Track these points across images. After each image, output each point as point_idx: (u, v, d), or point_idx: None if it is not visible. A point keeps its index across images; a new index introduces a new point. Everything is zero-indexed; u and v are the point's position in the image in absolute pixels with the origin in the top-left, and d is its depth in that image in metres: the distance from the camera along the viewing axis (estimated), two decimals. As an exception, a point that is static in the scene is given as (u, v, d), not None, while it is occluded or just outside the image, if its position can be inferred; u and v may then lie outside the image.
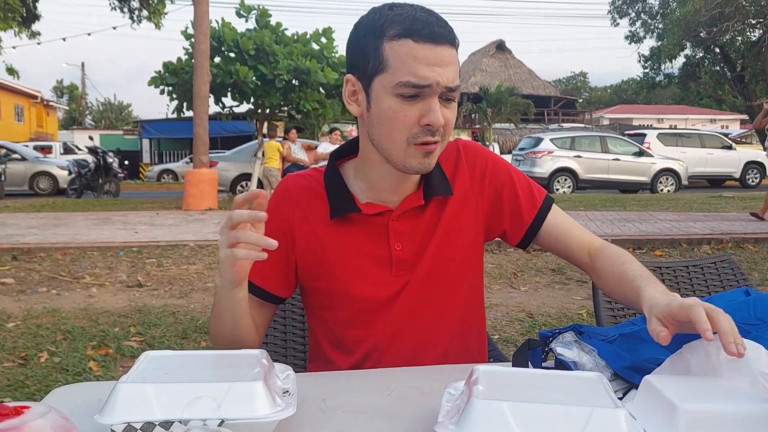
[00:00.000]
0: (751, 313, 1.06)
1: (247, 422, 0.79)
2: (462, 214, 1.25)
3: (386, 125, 1.10)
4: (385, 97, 1.09)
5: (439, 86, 1.06)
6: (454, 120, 1.13)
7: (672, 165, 16.55)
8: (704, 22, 22.40)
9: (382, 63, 1.08)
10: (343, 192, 1.21)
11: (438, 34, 1.06)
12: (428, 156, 1.12)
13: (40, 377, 3.21)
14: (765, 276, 5.53)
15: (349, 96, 1.17)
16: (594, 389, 0.84)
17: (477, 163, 1.28)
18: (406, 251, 1.20)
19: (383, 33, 1.07)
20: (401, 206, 1.20)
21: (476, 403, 0.76)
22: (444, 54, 1.06)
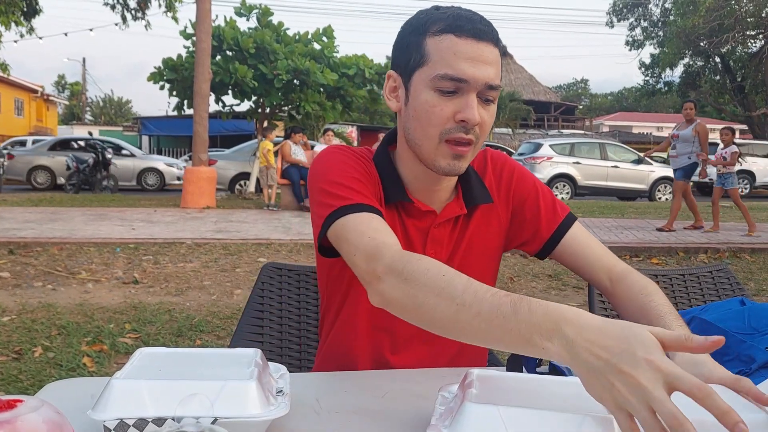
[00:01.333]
0: (746, 322, 1.06)
1: (239, 421, 0.79)
2: (488, 223, 1.24)
3: (421, 119, 1.09)
4: (424, 90, 1.08)
5: (477, 82, 1.05)
6: (491, 123, 1.11)
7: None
8: (704, 33, 22.46)
9: (423, 57, 1.07)
10: (396, 178, 1.18)
11: (481, 31, 1.05)
12: (459, 159, 1.09)
13: (34, 372, 3.21)
14: (761, 286, 5.54)
15: (389, 92, 1.16)
16: (587, 395, 0.84)
17: (504, 173, 1.27)
18: (437, 258, 1.19)
19: (427, 29, 1.07)
20: (444, 213, 1.19)
21: (469, 406, 0.76)
22: (485, 51, 1.05)
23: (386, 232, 1.01)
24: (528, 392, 0.86)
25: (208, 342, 3.79)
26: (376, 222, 1.03)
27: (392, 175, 1.18)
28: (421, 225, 1.19)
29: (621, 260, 1.23)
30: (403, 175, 1.19)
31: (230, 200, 12.99)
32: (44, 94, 36.81)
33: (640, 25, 28.60)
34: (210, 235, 7.57)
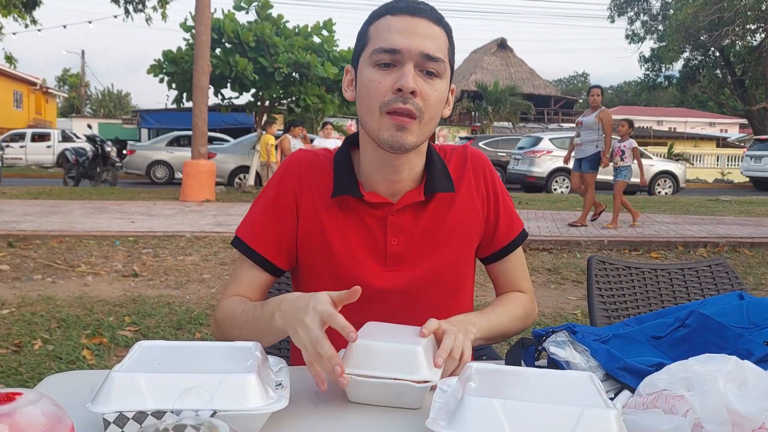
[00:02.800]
0: (745, 316, 1.06)
1: (239, 414, 0.79)
2: (467, 216, 1.26)
3: (364, 96, 1.13)
4: (365, 68, 1.12)
5: (411, 52, 1.08)
6: (435, 97, 1.11)
7: (670, 168, 16.57)
8: (704, 26, 22.40)
9: (365, 40, 1.14)
10: (349, 174, 1.22)
11: (415, 8, 1.10)
12: (401, 130, 1.10)
13: (34, 365, 3.21)
14: (760, 280, 5.55)
15: (347, 85, 1.21)
16: (585, 389, 0.85)
17: (484, 172, 1.30)
18: (401, 247, 1.21)
19: (371, 19, 1.14)
20: (401, 201, 1.21)
21: (469, 400, 0.76)
22: (420, 25, 1.09)
23: (240, 282, 1.24)
24: (526, 385, 0.86)
25: (207, 335, 3.79)
26: (242, 271, 1.25)
27: (346, 172, 1.22)
28: (379, 214, 1.21)
29: (530, 287, 1.38)
30: (364, 169, 1.22)
31: (229, 193, 12.98)
32: (43, 87, 36.72)
33: (639, 19, 28.53)
34: (209, 228, 7.57)
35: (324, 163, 1.25)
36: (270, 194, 1.25)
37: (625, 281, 1.76)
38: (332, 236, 1.21)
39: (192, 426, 0.58)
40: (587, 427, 0.72)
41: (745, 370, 0.82)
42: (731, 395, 0.78)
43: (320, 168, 1.24)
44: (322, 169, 1.24)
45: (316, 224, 1.21)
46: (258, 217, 1.24)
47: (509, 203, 1.33)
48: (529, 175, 16.00)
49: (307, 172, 1.24)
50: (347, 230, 1.21)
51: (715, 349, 0.90)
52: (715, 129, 40.74)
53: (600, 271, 1.74)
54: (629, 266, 1.79)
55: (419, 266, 1.21)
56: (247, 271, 1.24)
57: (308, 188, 1.23)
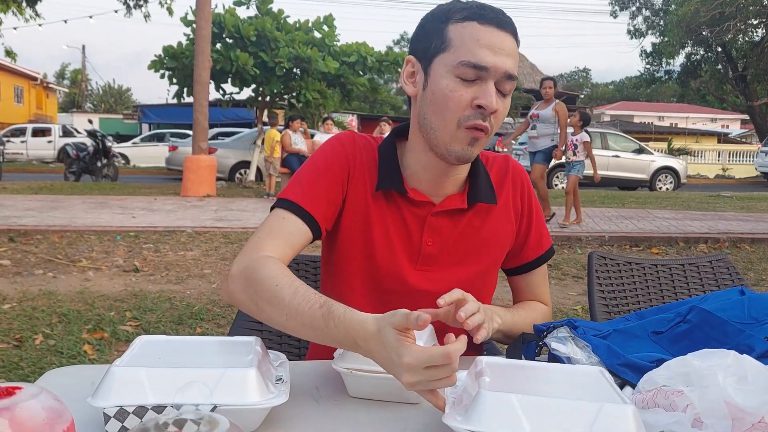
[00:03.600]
0: (746, 312, 1.06)
1: (239, 408, 0.79)
2: (502, 228, 1.26)
3: (440, 104, 1.10)
4: (444, 75, 1.09)
5: (497, 71, 1.06)
6: (505, 114, 1.12)
7: (671, 163, 16.56)
8: (705, 21, 22.34)
9: (445, 42, 1.09)
10: (395, 168, 1.21)
11: (503, 21, 1.08)
12: (474, 143, 1.11)
13: (35, 359, 3.22)
14: (761, 276, 5.55)
15: (407, 77, 1.18)
16: (598, 384, 0.85)
17: (523, 184, 1.30)
18: (435, 248, 1.21)
19: (450, 17, 1.09)
20: (443, 204, 1.20)
21: (485, 395, 0.76)
22: (506, 41, 1.08)
23: (280, 237, 1.10)
24: (538, 380, 0.86)
25: (208, 330, 3.80)
26: (285, 224, 1.12)
27: (392, 165, 1.20)
28: (419, 212, 1.20)
29: (549, 302, 1.38)
30: (408, 164, 1.21)
31: (230, 189, 12.98)
32: (44, 82, 36.69)
33: (641, 14, 28.45)
34: (210, 223, 7.57)
35: (374, 152, 1.23)
36: (322, 161, 1.20)
37: (626, 277, 1.76)
38: (375, 224, 1.20)
39: (192, 420, 0.58)
40: (606, 423, 0.72)
41: (744, 365, 0.82)
42: (730, 389, 0.78)
43: (371, 156, 1.22)
44: (371, 158, 1.22)
45: (363, 207, 1.20)
46: (308, 180, 1.18)
47: (541, 220, 1.33)
48: (529, 171, 15.99)
49: (361, 156, 1.22)
50: (388, 222, 1.20)
51: (716, 345, 0.90)
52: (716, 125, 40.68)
53: (601, 267, 1.74)
54: (630, 262, 1.78)
55: (449, 271, 1.21)
56: (292, 227, 1.13)
57: (359, 170, 1.21)
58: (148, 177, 17.05)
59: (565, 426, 0.72)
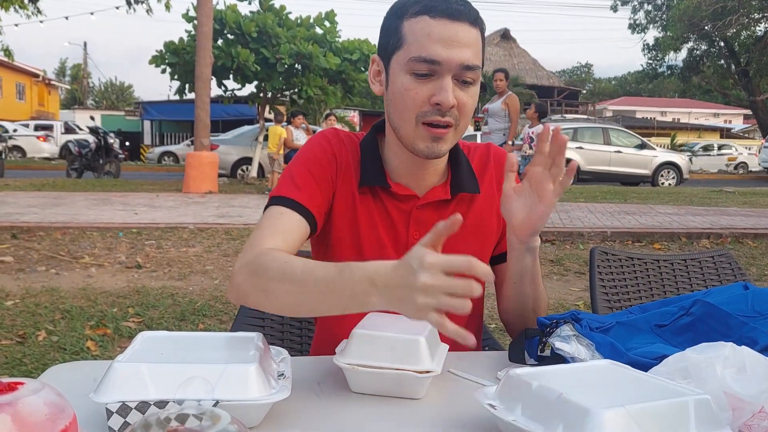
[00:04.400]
0: (749, 305, 1.06)
1: (241, 404, 0.79)
2: (487, 215, 1.25)
3: (398, 103, 1.10)
4: (400, 74, 1.08)
5: (451, 64, 1.04)
6: (472, 104, 1.10)
7: (674, 159, 16.53)
8: (707, 16, 22.26)
9: (400, 40, 1.08)
10: (377, 163, 1.20)
11: (456, 11, 1.05)
12: (437, 141, 1.10)
13: (38, 355, 3.23)
14: (763, 271, 5.54)
15: (373, 76, 1.17)
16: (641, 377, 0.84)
17: (501, 169, 1.28)
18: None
19: (404, 12, 1.08)
20: (427, 196, 1.20)
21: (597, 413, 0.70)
22: (460, 31, 1.05)
23: (279, 232, 1.09)
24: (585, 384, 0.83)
25: (210, 326, 3.80)
26: (282, 220, 1.11)
27: (373, 160, 1.20)
28: (404, 207, 1.20)
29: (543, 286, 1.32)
30: (389, 159, 1.21)
31: (232, 185, 12.98)
32: (46, 79, 36.72)
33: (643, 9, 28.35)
34: (212, 219, 7.58)
35: (354, 149, 1.23)
36: (310, 157, 1.20)
37: (628, 272, 1.76)
38: (362, 221, 1.20)
39: (194, 416, 0.59)
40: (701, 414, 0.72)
41: (742, 355, 0.82)
42: (729, 380, 0.78)
43: (355, 152, 1.22)
44: (355, 154, 1.22)
45: (351, 205, 1.20)
46: (299, 176, 1.17)
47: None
48: (532, 166, 15.95)
49: (346, 151, 1.22)
50: (372, 220, 1.20)
51: (719, 337, 0.90)
52: (719, 120, 40.59)
53: (603, 263, 1.74)
54: (632, 257, 1.78)
55: None
56: (289, 222, 1.12)
57: (345, 167, 1.21)
58: (151, 174, 17.04)
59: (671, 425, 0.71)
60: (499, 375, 1.02)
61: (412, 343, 0.94)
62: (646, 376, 0.83)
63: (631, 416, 0.70)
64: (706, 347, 0.85)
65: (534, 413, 0.76)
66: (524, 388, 0.79)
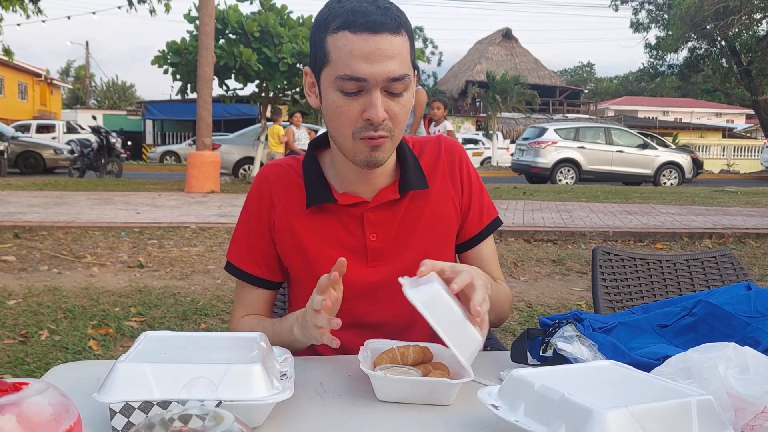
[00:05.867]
0: (752, 306, 1.06)
1: (244, 404, 0.79)
2: (443, 207, 1.26)
3: (333, 119, 1.11)
4: (330, 90, 1.08)
5: (377, 79, 1.03)
6: (404, 113, 1.10)
7: (676, 158, 16.51)
8: (709, 15, 22.21)
9: (326, 56, 1.07)
10: (320, 181, 1.22)
11: (376, 24, 1.02)
12: (376, 150, 1.10)
13: (40, 355, 3.23)
14: (765, 271, 5.53)
15: (308, 88, 1.17)
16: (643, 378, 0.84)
17: (460, 161, 1.29)
18: (380, 242, 1.21)
19: (327, 26, 1.06)
20: (376, 198, 1.21)
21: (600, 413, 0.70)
22: (383, 44, 1.03)
23: (247, 305, 1.27)
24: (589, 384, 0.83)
25: (212, 325, 3.81)
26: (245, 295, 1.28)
27: (316, 179, 1.22)
28: (356, 212, 1.21)
29: (502, 277, 1.36)
30: (337, 168, 1.22)
31: (234, 184, 12.99)
32: (48, 78, 36.75)
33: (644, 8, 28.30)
34: (214, 219, 7.58)
35: (293, 176, 1.25)
36: (248, 216, 1.27)
37: (630, 272, 1.76)
38: (309, 245, 1.22)
39: (197, 416, 0.59)
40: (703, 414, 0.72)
41: (745, 355, 0.82)
42: (732, 380, 0.78)
43: (290, 181, 1.25)
44: (292, 183, 1.24)
45: (291, 237, 1.23)
46: (242, 240, 1.27)
47: (483, 191, 1.32)
48: (534, 166, 15.98)
49: (276, 189, 1.25)
50: (325, 235, 1.21)
51: (722, 338, 0.90)
52: (721, 119, 40.52)
53: (605, 263, 1.74)
54: (634, 257, 1.78)
55: (400, 259, 1.22)
56: (248, 293, 1.27)
57: (280, 204, 1.24)
58: (153, 173, 17.06)
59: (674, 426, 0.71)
60: (501, 375, 1.02)
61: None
62: (648, 376, 0.83)
63: (634, 417, 0.70)
64: (708, 347, 0.85)
65: (537, 414, 0.76)
66: (527, 389, 0.79)
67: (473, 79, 32.94)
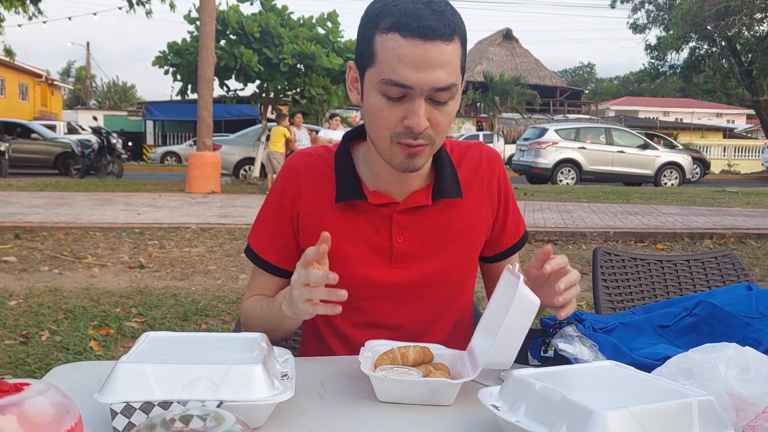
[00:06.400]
0: (753, 306, 1.06)
1: (245, 404, 0.79)
2: (475, 218, 1.24)
3: (372, 120, 1.08)
4: (372, 92, 1.05)
5: (422, 88, 1.00)
6: (446, 122, 1.08)
7: (677, 159, 16.51)
8: (710, 15, 22.19)
9: (373, 56, 1.03)
10: (351, 176, 1.19)
11: (429, 30, 0.98)
12: (413, 157, 1.08)
13: (41, 355, 3.23)
14: (766, 272, 5.53)
15: (351, 83, 1.14)
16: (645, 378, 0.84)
17: (499, 173, 1.27)
18: (406, 245, 1.19)
19: (377, 24, 1.02)
20: (407, 201, 1.19)
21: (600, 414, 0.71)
22: (433, 52, 0.99)
23: (259, 290, 1.27)
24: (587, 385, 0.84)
25: (213, 326, 3.81)
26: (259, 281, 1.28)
27: (348, 174, 1.19)
28: (385, 212, 1.19)
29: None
30: (369, 166, 1.20)
31: (235, 185, 13.00)
32: (49, 79, 36.76)
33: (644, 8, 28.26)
34: (215, 220, 7.58)
35: (323, 167, 1.22)
36: (272, 204, 1.25)
37: (631, 273, 1.76)
38: (335, 241, 1.17)
39: (198, 416, 0.59)
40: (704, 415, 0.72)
41: (746, 356, 0.82)
42: (733, 380, 0.78)
43: (320, 172, 1.22)
44: (322, 174, 1.22)
45: (318, 229, 1.17)
46: (264, 227, 1.26)
47: (516, 205, 1.31)
48: (534, 166, 15.98)
49: (306, 179, 1.22)
50: (352, 232, 1.19)
51: (723, 338, 0.90)
52: (722, 120, 40.50)
53: (605, 263, 1.74)
54: (635, 258, 1.78)
55: (424, 264, 1.20)
56: (261, 278, 1.27)
57: (308, 196, 1.21)
58: (153, 174, 17.07)
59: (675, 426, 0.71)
60: (502, 375, 1.02)
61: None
62: (649, 377, 0.84)
63: (635, 417, 0.70)
64: (709, 348, 0.85)
65: (537, 414, 0.76)
66: (528, 389, 0.79)
67: (474, 80, 32.92)
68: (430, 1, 1.01)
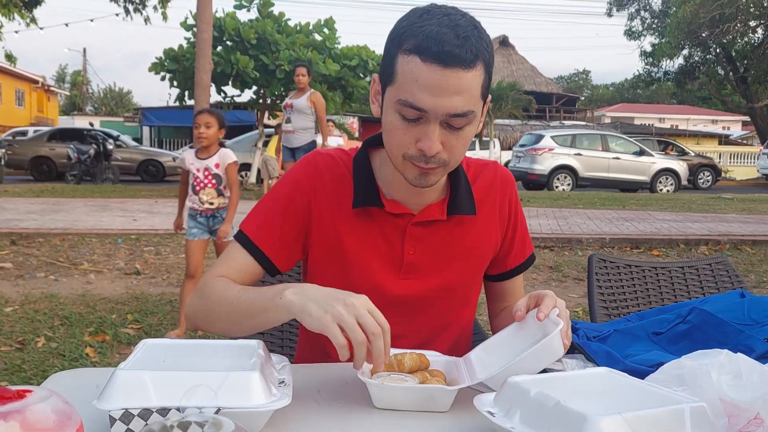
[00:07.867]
0: (746, 313, 1.07)
1: (242, 411, 0.80)
2: (485, 236, 1.25)
3: (388, 137, 1.09)
4: (390, 109, 1.06)
5: (437, 113, 1.01)
6: (462, 146, 1.07)
7: (672, 165, 16.57)
8: (705, 23, 22.31)
9: (393, 74, 1.04)
10: (369, 183, 1.19)
11: (449, 56, 0.97)
12: (425, 175, 1.08)
13: (37, 362, 3.22)
14: (761, 278, 5.55)
15: (374, 95, 1.14)
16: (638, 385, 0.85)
17: (511, 194, 1.29)
18: (417, 257, 1.20)
19: (401, 44, 1.02)
20: (423, 214, 1.19)
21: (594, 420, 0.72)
22: (451, 79, 0.98)
23: (232, 268, 1.17)
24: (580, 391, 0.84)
25: (209, 333, 3.80)
26: (237, 258, 1.18)
27: (366, 180, 1.19)
28: (399, 223, 1.19)
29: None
30: (386, 174, 1.20)
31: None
32: (45, 85, 36.72)
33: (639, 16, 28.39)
34: (211, 226, 7.57)
35: (342, 170, 1.21)
36: (282, 193, 1.21)
37: (626, 279, 1.77)
38: (348, 245, 1.19)
39: (196, 423, 0.59)
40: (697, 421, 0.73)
41: (737, 362, 0.83)
42: (725, 386, 0.79)
43: (339, 175, 1.21)
44: (340, 176, 1.20)
45: (332, 233, 1.19)
46: (263, 213, 1.21)
47: (525, 227, 1.33)
48: (530, 173, 16.01)
49: (325, 179, 1.20)
50: (365, 239, 1.19)
51: (716, 345, 0.91)
52: (717, 126, 40.64)
53: (601, 269, 1.75)
54: (630, 264, 1.79)
55: (432, 278, 1.21)
56: (242, 260, 1.18)
57: (325, 196, 1.19)
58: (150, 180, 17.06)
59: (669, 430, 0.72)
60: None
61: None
62: (642, 383, 0.84)
63: (628, 423, 0.71)
64: (701, 354, 0.86)
65: (532, 420, 0.77)
66: (522, 396, 0.80)
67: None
68: (456, 25, 0.99)
